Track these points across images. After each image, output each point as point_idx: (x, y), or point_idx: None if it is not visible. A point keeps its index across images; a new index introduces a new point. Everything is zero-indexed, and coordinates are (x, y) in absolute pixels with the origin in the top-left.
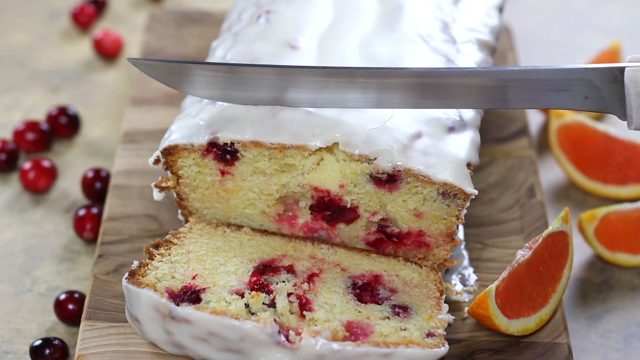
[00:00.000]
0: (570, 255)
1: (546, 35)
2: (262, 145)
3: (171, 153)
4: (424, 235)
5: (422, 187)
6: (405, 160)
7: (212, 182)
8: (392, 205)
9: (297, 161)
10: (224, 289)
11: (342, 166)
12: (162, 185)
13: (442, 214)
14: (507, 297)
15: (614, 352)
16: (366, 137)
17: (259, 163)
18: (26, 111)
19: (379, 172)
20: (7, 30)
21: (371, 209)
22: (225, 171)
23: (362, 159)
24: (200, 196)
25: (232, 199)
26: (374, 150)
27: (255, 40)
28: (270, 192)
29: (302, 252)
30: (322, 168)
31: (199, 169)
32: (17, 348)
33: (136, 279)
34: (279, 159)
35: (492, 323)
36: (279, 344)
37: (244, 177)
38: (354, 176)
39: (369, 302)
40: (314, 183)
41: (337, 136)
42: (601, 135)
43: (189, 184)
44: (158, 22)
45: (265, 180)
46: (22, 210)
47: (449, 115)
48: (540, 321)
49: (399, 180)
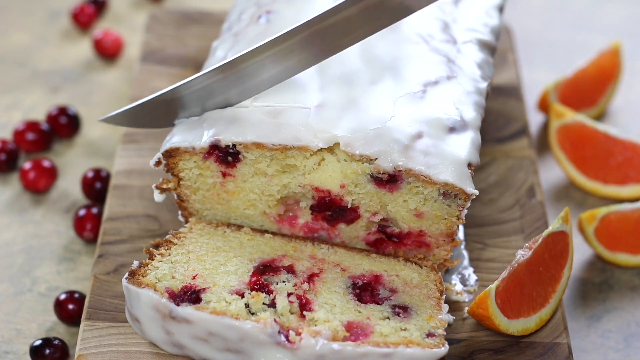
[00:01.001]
0: (571, 255)
1: (546, 35)
2: (263, 147)
3: (172, 155)
4: (424, 236)
5: (423, 187)
6: (406, 161)
7: (213, 183)
8: (393, 205)
9: (298, 162)
10: (224, 289)
11: (343, 166)
12: (162, 187)
13: (442, 214)
14: (507, 297)
15: (614, 352)
16: (367, 137)
17: (261, 164)
18: (26, 111)
19: (379, 172)
20: (7, 30)
21: (372, 209)
22: (226, 173)
23: (363, 159)
24: (201, 198)
25: (232, 200)
26: (374, 151)
27: (255, 40)
28: (271, 193)
29: (302, 252)
30: (323, 168)
31: (200, 171)
32: (17, 348)
33: (136, 279)
34: (280, 160)
35: (492, 323)
36: (279, 344)
37: (245, 178)
38: (355, 176)
39: (369, 302)
40: (315, 183)
41: (339, 136)
42: (601, 135)
43: (190, 186)
44: (158, 22)
45: (267, 181)
46: (22, 210)
47: (450, 116)
48: (540, 321)
49: (399, 180)
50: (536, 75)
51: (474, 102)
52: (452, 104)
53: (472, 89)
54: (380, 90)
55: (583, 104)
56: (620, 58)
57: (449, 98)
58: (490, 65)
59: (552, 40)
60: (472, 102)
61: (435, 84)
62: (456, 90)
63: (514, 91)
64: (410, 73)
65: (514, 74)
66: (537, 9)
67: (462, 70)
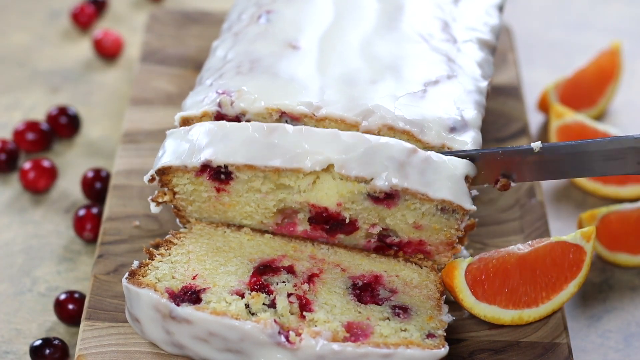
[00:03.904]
0: (583, 274)
1: (546, 35)
2: (256, 169)
3: (165, 173)
4: (424, 245)
5: (421, 204)
6: (402, 180)
7: (208, 197)
8: (391, 219)
9: (292, 181)
10: (224, 289)
11: (339, 185)
12: (158, 200)
13: (441, 226)
14: (482, 278)
15: (614, 352)
16: (361, 156)
17: (254, 182)
18: (26, 111)
19: (376, 191)
20: (7, 30)
21: (370, 221)
22: (220, 188)
23: (359, 180)
24: (198, 208)
25: (229, 211)
26: (370, 172)
27: (256, 40)
28: (268, 207)
29: (302, 253)
30: (318, 187)
31: (194, 187)
32: (17, 348)
33: (136, 279)
34: (274, 180)
35: (457, 296)
36: (279, 344)
37: (239, 194)
38: (351, 195)
39: (369, 302)
40: (311, 201)
41: (333, 159)
42: (601, 135)
43: (186, 199)
44: (158, 22)
45: (262, 197)
46: (22, 210)
47: (450, 115)
48: (519, 319)
49: (397, 197)
50: (536, 75)
51: (475, 101)
52: (453, 103)
53: (472, 88)
54: (380, 90)
55: (583, 104)
56: (620, 58)
57: (449, 97)
58: (491, 65)
59: (552, 40)
60: (473, 101)
61: (435, 83)
62: (457, 89)
63: (514, 91)
64: (411, 72)
65: (514, 74)
66: (537, 9)
67: (462, 69)
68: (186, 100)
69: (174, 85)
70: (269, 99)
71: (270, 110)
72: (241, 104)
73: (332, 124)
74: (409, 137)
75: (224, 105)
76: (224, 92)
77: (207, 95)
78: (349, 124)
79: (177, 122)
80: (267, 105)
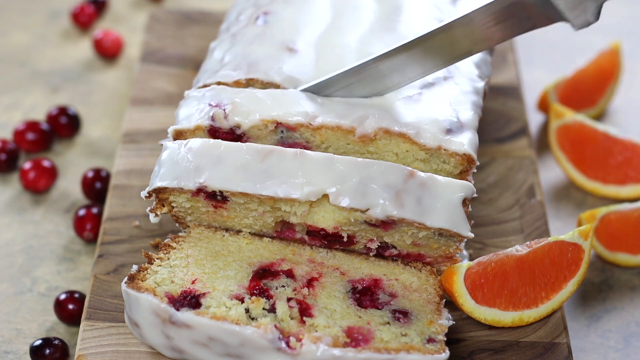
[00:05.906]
0: (582, 272)
1: (546, 35)
2: (250, 196)
3: (161, 192)
4: (423, 257)
5: (418, 231)
6: (398, 210)
7: (207, 211)
8: (389, 237)
9: (288, 207)
10: (223, 294)
11: (335, 212)
12: (157, 212)
13: (439, 245)
14: (482, 282)
15: (614, 352)
16: (356, 186)
17: (250, 205)
18: (26, 111)
19: (372, 220)
20: (7, 30)
21: (368, 238)
22: (218, 206)
23: (354, 210)
24: (196, 219)
25: (228, 222)
26: (365, 203)
27: (253, 42)
28: (266, 222)
29: (301, 256)
30: (315, 210)
31: (191, 204)
32: (17, 348)
33: (135, 283)
34: (270, 204)
35: (456, 300)
36: (279, 349)
37: (237, 211)
38: (347, 221)
39: (369, 307)
40: (308, 222)
41: (327, 190)
42: (601, 135)
43: (184, 211)
44: (158, 22)
45: (260, 214)
46: (22, 210)
47: (446, 117)
48: (520, 321)
49: (393, 224)
50: (536, 75)
51: (471, 101)
52: (449, 104)
53: (469, 89)
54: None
55: (583, 104)
56: (620, 58)
57: (445, 99)
58: (489, 64)
59: (552, 40)
60: (469, 101)
61: (431, 85)
62: (453, 90)
63: (513, 91)
64: None
65: (514, 74)
66: None
67: (458, 69)
68: (178, 110)
69: (174, 85)
70: (263, 110)
71: (266, 122)
72: (235, 117)
73: (328, 132)
74: (405, 139)
75: (217, 119)
76: (217, 104)
77: (199, 108)
78: (345, 130)
79: (170, 135)
80: (262, 117)
